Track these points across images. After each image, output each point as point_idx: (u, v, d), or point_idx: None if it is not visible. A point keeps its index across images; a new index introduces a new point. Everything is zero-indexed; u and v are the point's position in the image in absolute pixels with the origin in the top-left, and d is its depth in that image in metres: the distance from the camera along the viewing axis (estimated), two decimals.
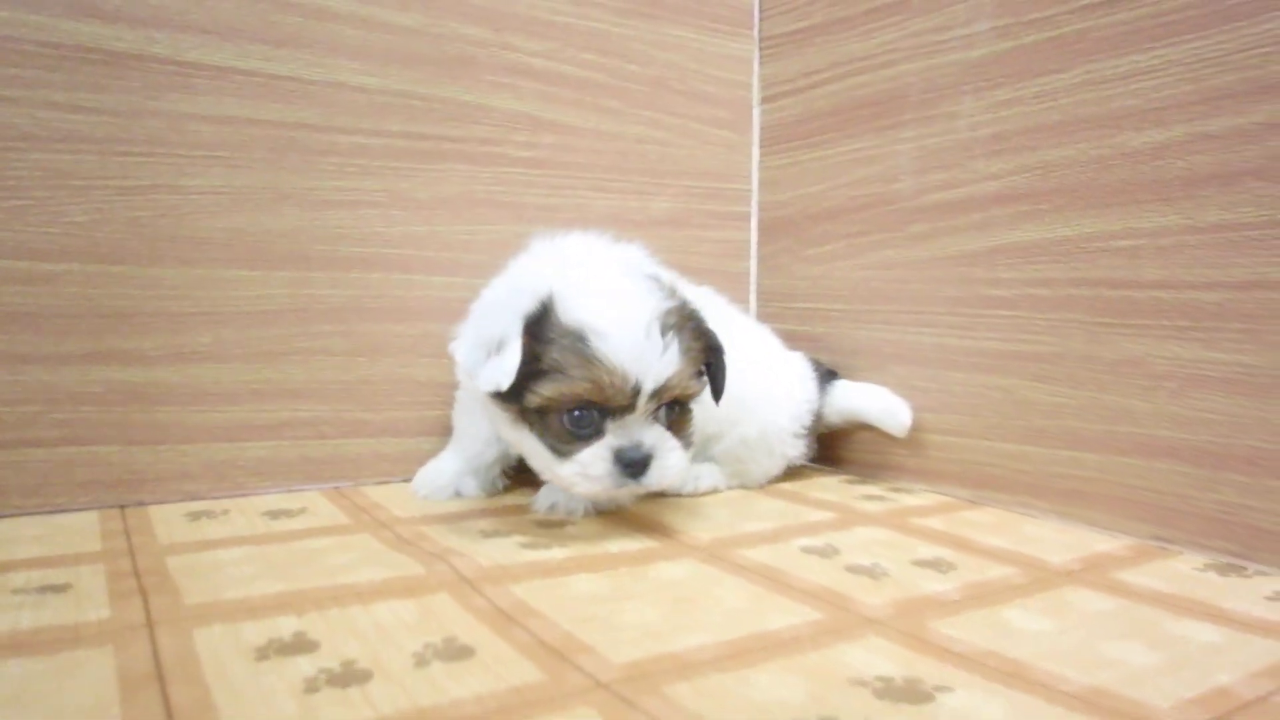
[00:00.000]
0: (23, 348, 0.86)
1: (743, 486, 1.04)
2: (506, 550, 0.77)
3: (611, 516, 0.88)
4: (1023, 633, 0.59)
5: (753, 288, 1.33)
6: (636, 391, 0.75)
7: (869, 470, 1.14)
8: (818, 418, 1.09)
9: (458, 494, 0.97)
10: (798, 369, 1.10)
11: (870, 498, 1.01)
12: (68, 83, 0.87)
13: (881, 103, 1.12)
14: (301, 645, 0.55)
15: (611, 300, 0.77)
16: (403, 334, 1.04)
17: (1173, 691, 0.51)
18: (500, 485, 0.99)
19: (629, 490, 0.79)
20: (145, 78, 0.90)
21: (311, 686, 0.49)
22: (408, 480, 1.01)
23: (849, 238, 1.17)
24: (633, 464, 0.76)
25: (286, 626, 0.58)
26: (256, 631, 0.57)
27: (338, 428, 1.01)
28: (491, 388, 0.75)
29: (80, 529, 0.82)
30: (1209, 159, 0.79)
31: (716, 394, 0.85)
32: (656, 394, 0.76)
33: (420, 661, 0.53)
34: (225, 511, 0.89)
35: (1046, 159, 0.92)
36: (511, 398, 0.77)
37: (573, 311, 0.76)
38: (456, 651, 0.55)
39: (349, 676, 0.51)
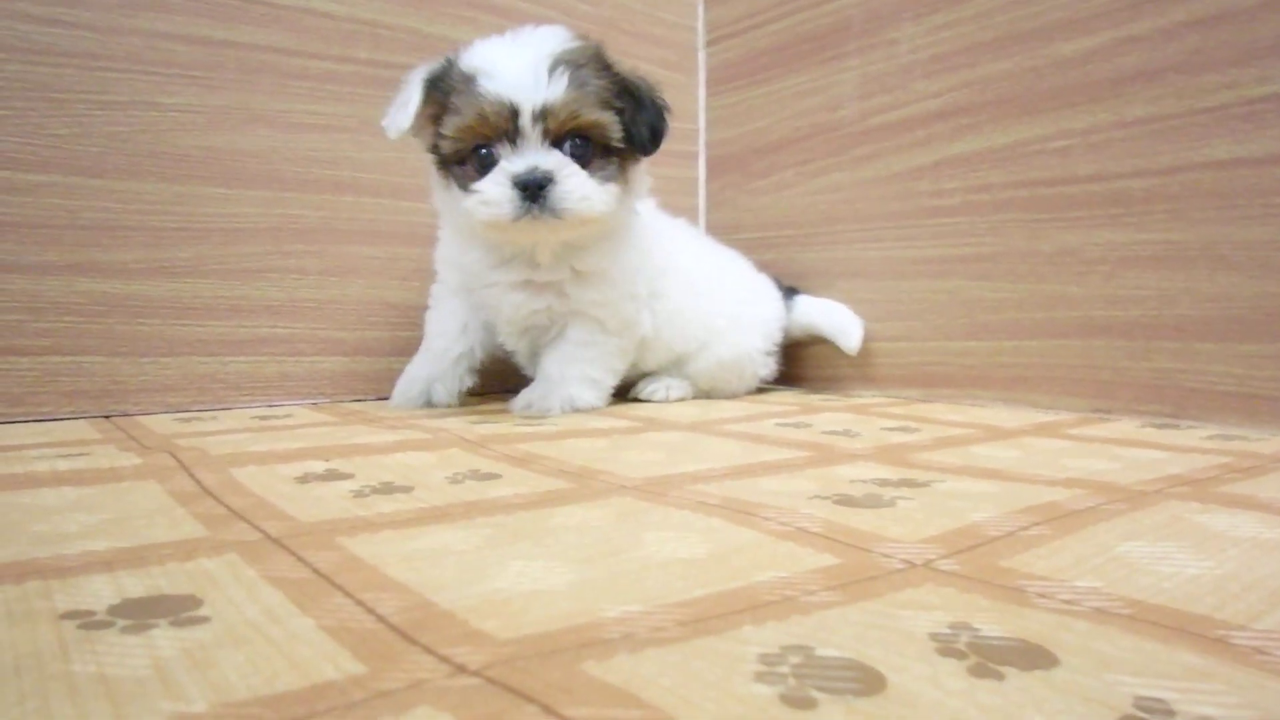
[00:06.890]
0: (6, 256, 0.87)
1: (708, 398, 1.09)
2: (500, 427, 0.80)
3: (589, 411, 0.92)
4: (994, 457, 0.66)
5: (701, 222, 1.38)
6: (516, 114, 0.81)
7: (822, 384, 1.20)
8: (785, 333, 1.15)
9: (429, 403, 0.99)
10: (766, 291, 1.15)
11: (827, 400, 1.07)
12: None
13: (824, 36, 1.18)
14: (337, 476, 0.58)
15: (505, 45, 0.85)
16: (374, 256, 1.07)
17: (1133, 477, 0.57)
18: (467, 383, 0.99)
19: (534, 223, 0.82)
20: None
21: (360, 494, 0.53)
22: (383, 399, 1.04)
23: (795, 166, 1.23)
24: (528, 186, 0.81)
25: (317, 466, 0.61)
26: (290, 469, 0.60)
27: (314, 345, 1.04)
28: (395, 131, 0.85)
29: (75, 430, 0.83)
30: (1134, 59, 0.87)
31: (633, 139, 0.87)
32: (542, 117, 0.81)
33: (454, 480, 0.57)
34: (214, 417, 0.90)
35: (984, 74, 1.00)
36: (437, 158, 0.87)
37: (469, 60, 0.85)
38: (485, 475, 0.58)
39: (392, 489, 0.54)
